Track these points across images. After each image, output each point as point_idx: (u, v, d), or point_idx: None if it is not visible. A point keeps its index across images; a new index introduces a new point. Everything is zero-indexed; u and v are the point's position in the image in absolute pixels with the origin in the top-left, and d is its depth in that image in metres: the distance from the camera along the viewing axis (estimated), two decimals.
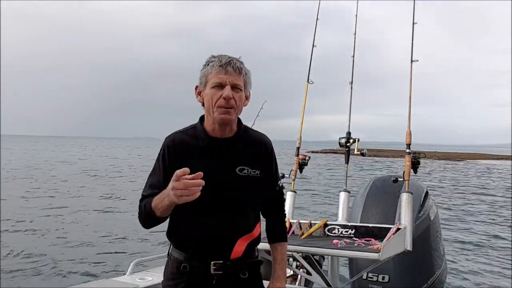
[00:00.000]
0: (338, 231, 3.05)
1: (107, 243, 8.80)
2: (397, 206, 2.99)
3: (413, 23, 3.32)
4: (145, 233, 8.69)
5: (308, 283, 3.26)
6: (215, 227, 1.76)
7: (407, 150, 3.06)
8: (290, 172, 3.47)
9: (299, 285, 3.30)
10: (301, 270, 3.21)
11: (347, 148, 3.47)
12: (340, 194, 3.37)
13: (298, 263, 3.15)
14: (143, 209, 1.72)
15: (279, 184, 1.95)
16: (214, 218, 1.75)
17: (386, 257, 2.66)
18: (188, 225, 1.78)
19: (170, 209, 1.64)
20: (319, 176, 24.64)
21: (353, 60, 3.67)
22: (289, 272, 3.45)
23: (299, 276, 3.34)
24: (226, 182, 1.75)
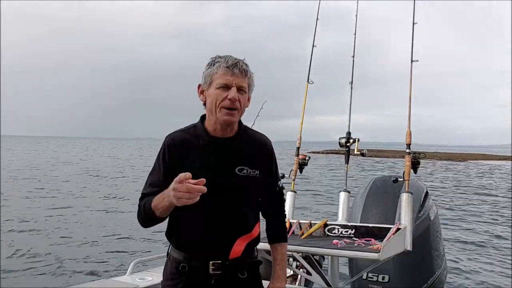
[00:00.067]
0: (338, 231, 3.05)
1: (110, 243, 8.82)
2: (397, 206, 2.99)
3: (413, 23, 3.32)
4: (147, 233, 8.70)
5: (308, 283, 3.25)
6: (214, 227, 1.76)
7: (407, 150, 3.06)
8: (290, 172, 3.48)
9: (299, 285, 3.30)
10: (301, 270, 3.20)
11: (347, 148, 3.47)
12: (340, 194, 3.37)
13: (298, 263, 3.15)
14: (143, 208, 1.73)
15: (279, 185, 1.95)
16: (213, 218, 1.76)
17: (386, 257, 2.66)
18: (187, 225, 1.78)
19: (170, 210, 1.64)
20: (321, 177, 24.63)
21: (353, 60, 3.67)
22: (289, 272, 3.44)
23: (299, 276, 3.34)
24: (226, 182, 1.75)
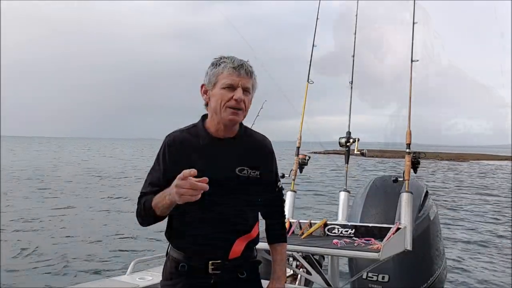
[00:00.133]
0: (338, 231, 3.05)
1: (113, 243, 8.87)
2: (397, 206, 2.98)
3: (413, 23, 3.32)
4: (152, 232, 8.72)
5: (308, 283, 3.25)
6: (214, 227, 1.77)
7: (407, 150, 3.06)
8: (290, 172, 3.48)
9: (299, 285, 3.30)
10: (301, 270, 3.20)
11: (347, 148, 3.47)
12: (340, 194, 3.37)
13: (298, 263, 3.14)
14: (142, 207, 1.73)
15: (279, 185, 1.96)
16: (213, 218, 1.76)
17: (386, 257, 2.65)
18: (187, 225, 1.79)
19: (170, 209, 1.64)
20: (322, 177, 24.63)
21: (353, 60, 3.66)
22: (289, 272, 3.44)
23: (299, 276, 3.34)
24: (226, 182, 1.75)
